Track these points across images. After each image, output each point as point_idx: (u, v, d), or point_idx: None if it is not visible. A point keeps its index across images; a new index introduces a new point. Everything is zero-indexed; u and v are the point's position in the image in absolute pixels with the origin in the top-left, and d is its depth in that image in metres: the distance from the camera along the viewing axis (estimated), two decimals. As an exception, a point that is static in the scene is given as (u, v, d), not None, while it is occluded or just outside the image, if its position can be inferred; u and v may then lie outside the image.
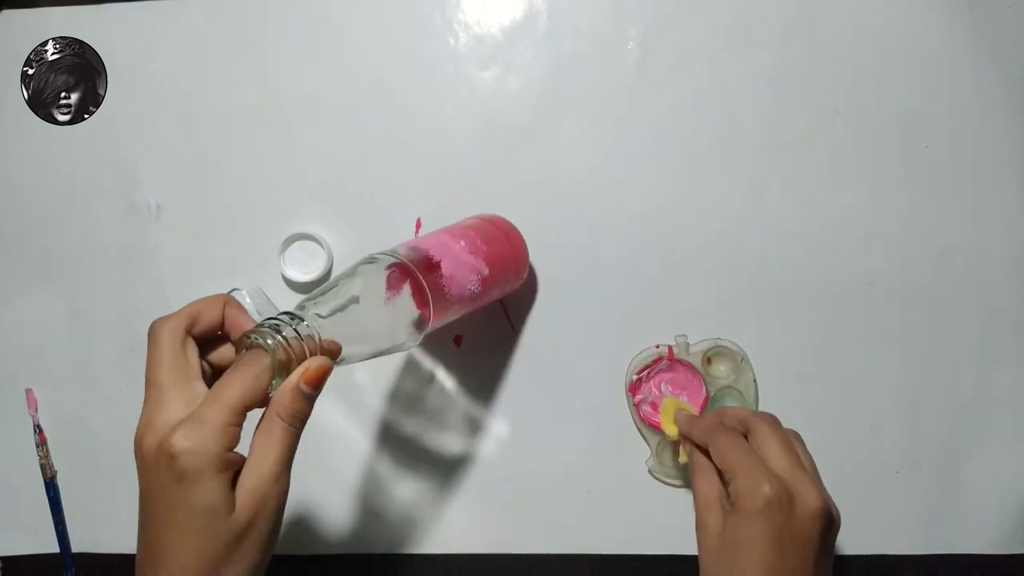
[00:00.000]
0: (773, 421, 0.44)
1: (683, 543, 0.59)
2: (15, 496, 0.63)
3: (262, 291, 0.61)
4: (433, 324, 0.44)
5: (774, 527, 0.38)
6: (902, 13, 0.58)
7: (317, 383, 0.37)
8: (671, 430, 0.52)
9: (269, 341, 0.35)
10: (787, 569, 0.38)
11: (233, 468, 0.36)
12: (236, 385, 0.35)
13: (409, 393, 0.61)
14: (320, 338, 0.37)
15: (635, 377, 0.58)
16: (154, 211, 0.62)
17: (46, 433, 0.63)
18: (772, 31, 0.58)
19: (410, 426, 0.61)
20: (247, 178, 0.62)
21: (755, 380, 0.58)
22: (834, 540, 0.42)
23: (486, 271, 0.49)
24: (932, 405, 0.58)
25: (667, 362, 0.58)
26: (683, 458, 0.50)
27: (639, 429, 0.59)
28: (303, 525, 0.61)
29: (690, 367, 0.58)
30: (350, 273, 0.41)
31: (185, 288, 0.62)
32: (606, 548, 0.59)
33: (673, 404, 0.54)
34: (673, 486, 0.59)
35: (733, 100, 0.59)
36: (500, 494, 0.60)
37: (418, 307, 0.43)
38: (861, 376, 0.58)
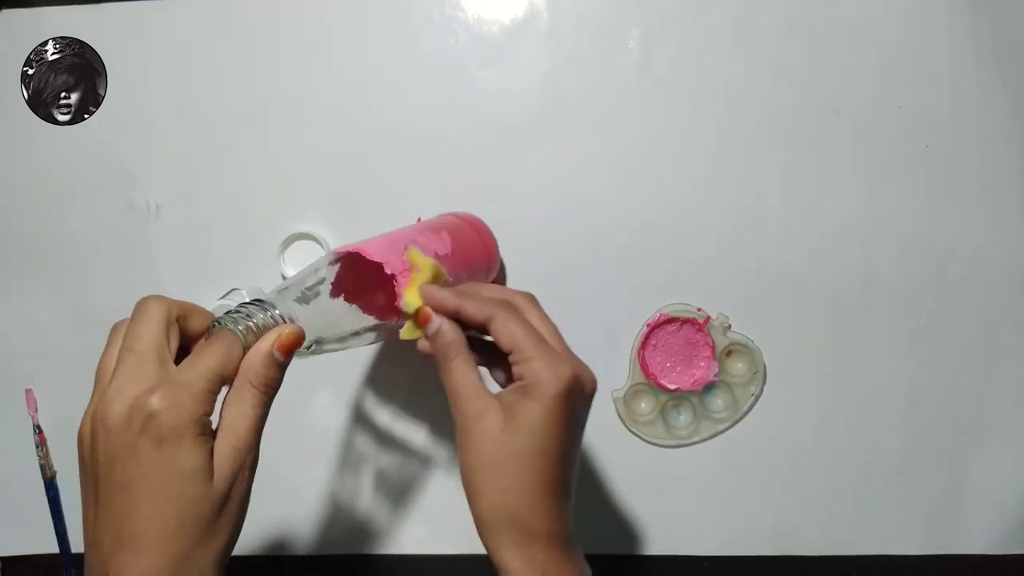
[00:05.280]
0: (534, 299, 0.43)
1: (682, 543, 0.59)
2: (15, 496, 0.63)
3: (262, 291, 0.61)
4: (403, 316, 0.43)
5: (570, 409, 0.38)
6: (902, 13, 0.58)
7: (289, 349, 0.36)
8: (416, 299, 0.40)
9: (240, 327, 0.36)
10: (575, 446, 0.39)
11: (210, 437, 0.34)
12: (211, 355, 0.35)
13: (409, 392, 0.61)
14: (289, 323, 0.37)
15: (660, 316, 0.58)
16: (153, 211, 0.62)
17: (46, 433, 0.63)
18: (773, 31, 0.58)
19: (409, 425, 0.61)
20: (247, 178, 0.62)
21: (756, 396, 0.58)
22: None
23: (462, 273, 0.49)
24: (932, 405, 0.58)
25: (695, 328, 0.58)
26: (411, 334, 0.41)
27: (630, 362, 0.59)
28: (306, 525, 0.61)
29: (712, 347, 0.58)
30: (322, 263, 0.41)
31: (185, 288, 0.62)
32: (605, 548, 0.59)
33: (431, 268, 0.42)
34: (632, 433, 0.59)
35: (734, 100, 0.59)
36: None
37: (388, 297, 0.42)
38: (861, 376, 0.58)
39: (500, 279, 0.59)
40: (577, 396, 0.38)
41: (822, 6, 0.58)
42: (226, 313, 0.36)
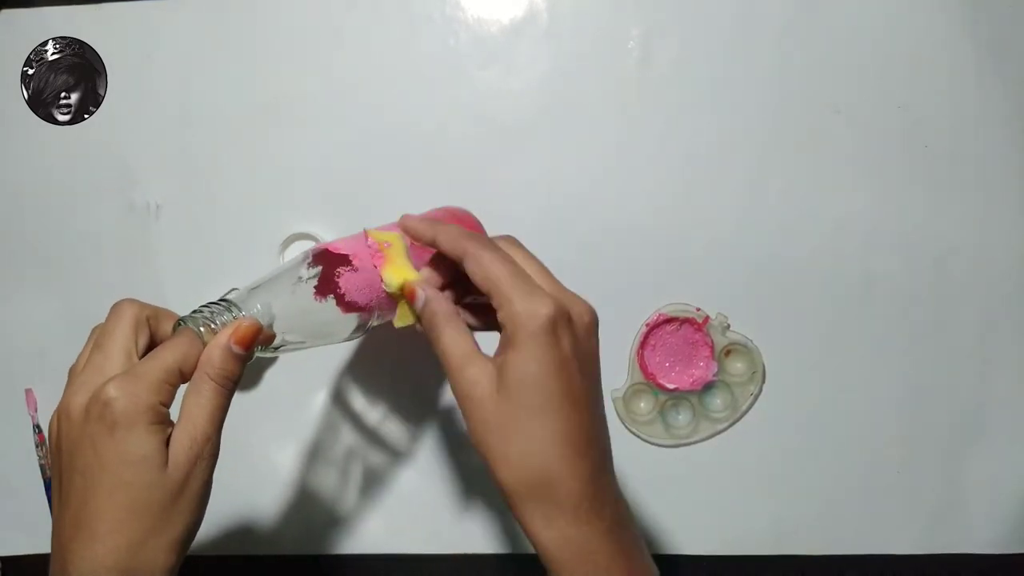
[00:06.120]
0: (515, 240, 0.40)
1: (681, 543, 0.59)
2: (15, 496, 0.63)
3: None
4: (376, 315, 0.44)
5: (562, 349, 0.34)
6: (902, 13, 0.58)
7: (246, 342, 0.37)
8: (397, 276, 0.39)
9: (201, 328, 0.37)
10: (585, 388, 0.35)
11: (166, 426, 0.35)
12: (169, 349, 0.36)
13: (413, 392, 0.61)
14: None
15: (659, 315, 0.58)
16: (153, 211, 0.62)
17: (46, 433, 0.63)
18: (772, 31, 0.58)
19: (407, 427, 0.61)
20: (247, 178, 0.62)
21: (755, 395, 0.58)
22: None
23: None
24: (932, 405, 0.58)
25: (694, 327, 0.58)
26: (405, 319, 0.39)
27: (629, 361, 0.59)
28: (298, 525, 0.61)
29: (711, 347, 0.58)
30: (293, 261, 0.42)
31: (185, 288, 0.62)
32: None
33: (398, 238, 0.40)
34: (631, 432, 0.59)
35: (734, 100, 0.59)
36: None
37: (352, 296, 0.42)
38: (861, 376, 0.58)
39: None
40: (566, 331, 0.34)
41: (822, 6, 0.58)
42: (190, 313, 0.38)
